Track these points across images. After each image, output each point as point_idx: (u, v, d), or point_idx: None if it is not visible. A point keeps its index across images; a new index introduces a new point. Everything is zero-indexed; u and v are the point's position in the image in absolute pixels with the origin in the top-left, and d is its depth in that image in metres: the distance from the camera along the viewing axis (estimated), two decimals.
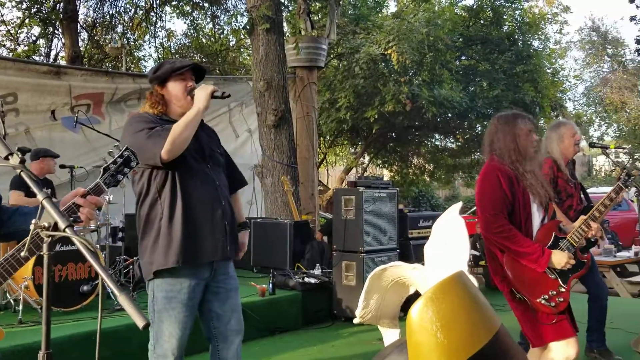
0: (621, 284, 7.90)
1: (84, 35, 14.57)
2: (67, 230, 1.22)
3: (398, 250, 6.10)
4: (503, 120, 3.06)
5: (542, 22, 16.20)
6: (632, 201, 12.73)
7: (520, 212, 2.89)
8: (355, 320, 1.84)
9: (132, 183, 2.74)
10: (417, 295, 1.45)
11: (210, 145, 2.83)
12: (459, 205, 1.81)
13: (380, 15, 14.87)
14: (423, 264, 1.72)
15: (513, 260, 2.85)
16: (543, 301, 2.83)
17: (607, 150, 4.20)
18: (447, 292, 1.28)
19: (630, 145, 23.49)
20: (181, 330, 2.64)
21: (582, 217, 3.07)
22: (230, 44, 16.75)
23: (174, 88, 2.73)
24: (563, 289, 2.88)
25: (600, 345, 4.48)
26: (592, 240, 4.15)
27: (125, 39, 14.30)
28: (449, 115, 14.20)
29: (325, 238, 7.29)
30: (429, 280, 1.51)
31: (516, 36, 14.89)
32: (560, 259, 2.84)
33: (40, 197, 1.25)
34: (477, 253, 7.99)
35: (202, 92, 2.67)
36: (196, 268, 2.67)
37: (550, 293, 2.85)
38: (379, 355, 1.48)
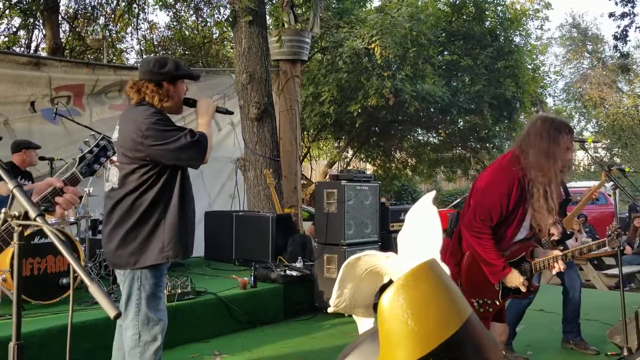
0: (598, 276, 8.04)
1: (65, 26, 14.37)
2: (37, 219, 1.20)
3: (379, 243, 6.14)
4: (554, 126, 2.86)
5: (524, 18, 16.34)
6: (609, 195, 12.93)
7: (513, 226, 2.89)
8: (330, 310, 1.85)
9: (130, 172, 2.77)
10: (391, 283, 1.47)
11: None
12: (432, 194, 1.83)
13: (363, 9, 14.88)
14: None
15: (474, 260, 2.90)
16: (475, 303, 2.90)
17: (585, 145, 4.27)
18: (418, 280, 1.29)
19: (608, 141, 23.85)
20: (164, 313, 2.82)
21: (558, 254, 2.99)
22: (213, 37, 16.63)
23: (180, 89, 2.95)
24: (497, 302, 2.94)
25: (576, 336, 4.56)
26: (569, 232, 4.23)
27: (107, 31, 14.11)
28: (432, 110, 14.30)
29: None
30: (402, 268, 1.52)
31: (498, 32, 15.01)
32: (514, 280, 2.86)
33: (10, 185, 1.24)
34: None
35: (208, 104, 2.97)
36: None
37: (485, 300, 2.91)
38: (352, 344, 1.50)
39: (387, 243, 6.27)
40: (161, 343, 2.77)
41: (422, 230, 1.59)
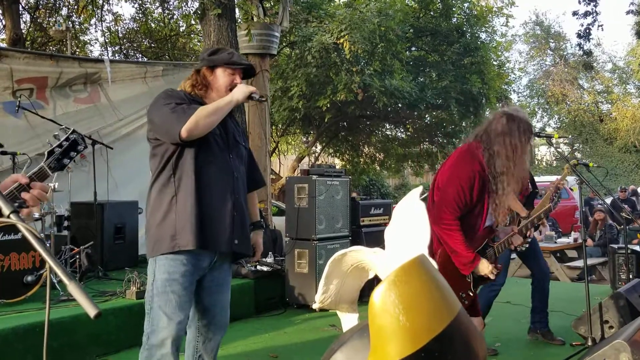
0: (561, 268, 8.25)
1: (26, 17, 13.93)
2: (11, 216, 1.16)
3: (350, 238, 6.16)
4: (522, 128, 2.89)
5: (489, 15, 16.58)
6: (571, 189, 13.27)
7: (477, 217, 2.96)
8: (315, 306, 1.84)
9: (150, 156, 2.66)
10: (376, 279, 1.47)
11: (235, 136, 2.79)
12: (419, 189, 1.84)
13: (332, 4, 14.87)
14: (382, 249, 1.75)
15: (446, 256, 2.94)
16: None
17: (551, 140, 4.37)
18: (409, 275, 1.30)
19: (570, 136, 24.50)
20: (179, 316, 2.51)
21: (514, 228, 3.20)
22: (180, 30, 16.36)
23: (222, 78, 2.71)
24: (471, 293, 3.00)
25: (543, 327, 4.67)
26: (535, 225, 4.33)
27: (70, 22, 13.72)
28: (399, 105, 14.41)
29: None
30: (390, 264, 1.53)
31: (464, 28, 15.19)
32: (484, 268, 2.92)
33: None
34: None
35: (243, 87, 2.67)
36: (199, 255, 2.59)
37: (460, 294, 2.94)
38: (339, 340, 1.49)
39: (358, 238, 6.30)
40: (171, 350, 2.48)
41: (410, 226, 1.60)
